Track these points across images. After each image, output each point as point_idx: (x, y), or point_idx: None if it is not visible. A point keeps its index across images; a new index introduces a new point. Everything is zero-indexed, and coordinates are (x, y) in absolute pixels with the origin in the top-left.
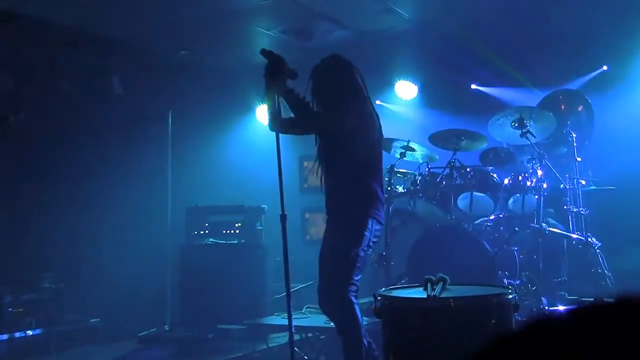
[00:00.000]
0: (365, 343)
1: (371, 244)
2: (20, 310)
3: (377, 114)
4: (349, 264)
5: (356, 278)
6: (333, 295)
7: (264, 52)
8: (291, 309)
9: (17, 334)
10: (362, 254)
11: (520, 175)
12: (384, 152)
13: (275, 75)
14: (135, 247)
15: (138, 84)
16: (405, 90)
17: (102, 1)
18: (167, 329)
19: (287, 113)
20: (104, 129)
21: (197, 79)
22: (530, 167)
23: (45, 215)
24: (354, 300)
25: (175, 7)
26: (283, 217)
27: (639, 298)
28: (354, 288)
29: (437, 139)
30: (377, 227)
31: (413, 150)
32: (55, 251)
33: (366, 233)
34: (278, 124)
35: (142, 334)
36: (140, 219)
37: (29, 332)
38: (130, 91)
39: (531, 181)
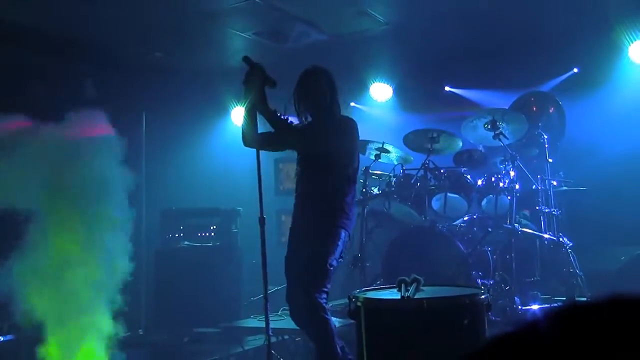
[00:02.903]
0: (339, 348)
1: (342, 253)
2: None
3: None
4: (324, 274)
5: (328, 286)
6: (307, 304)
7: (245, 59)
8: (268, 313)
9: None
10: (335, 263)
11: (493, 176)
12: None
13: (254, 82)
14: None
15: (111, 87)
16: (380, 92)
17: (74, 3)
18: (142, 332)
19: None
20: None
21: (171, 82)
22: (503, 169)
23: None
24: (326, 306)
25: (148, 9)
26: (262, 221)
27: (629, 297)
28: (324, 296)
29: (411, 141)
30: (347, 238)
31: (388, 152)
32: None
33: (339, 243)
34: (252, 139)
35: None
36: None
37: (0, 338)
38: (103, 94)
39: (504, 182)
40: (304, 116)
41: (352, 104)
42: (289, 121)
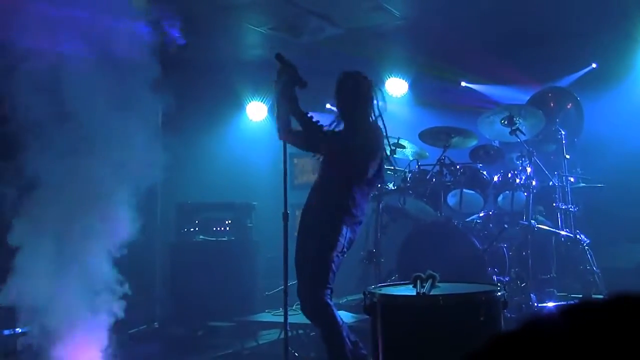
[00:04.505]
0: (350, 342)
1: (345, 250)
2: (9, 307)
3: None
4: (326, 269)
5: (331, 283)
6: (312, 303)
7: (278, 57)
8: (287, 308)
9: (6, 332)
10: (336, 259)
11: (510, 172)
12: None
13: (284, 81)
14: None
15: None
16: (396, 87)
17: None
18: (157, 326)
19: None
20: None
21: (187, 75)
22: (520, 165)
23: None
24: (330, 302)
25: (164, 2)
26: (285, 216)
27: (633, 296)
28: (328, 291)
29: (427, 136)
30: (350, 235)
31: (403, 147)
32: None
33: (340, 238)
34: (286, 134)
35: (131, 331)
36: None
37: (18, 330)
38: None
39: (520, 178)
40: (337, 119)
41: None
42: (318, 123)
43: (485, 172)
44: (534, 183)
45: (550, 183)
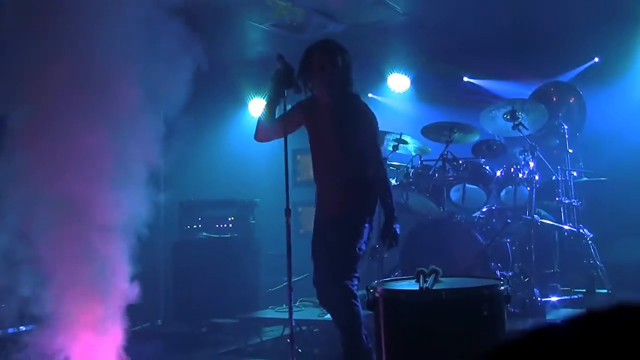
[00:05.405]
0: (365, 337)
1: (370, 235)
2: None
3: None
4: (355, 259)
5: (358, 272)
6: (339, 291)
7: (279, 58)
8: (292, 304)
9: (10, 330)
10: (364, 247)
11: (513, 167)
12: None
13: (280, 82)
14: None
15: None
16: (398, 82)
17: None
18: (160, 323)
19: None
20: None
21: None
22: (522, 159)
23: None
24: (357, 293)
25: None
26: (287, 212)
27: (637, 307)
28: (356, 282)
29: (429, 132)
30: (371, 222)
31: (405, 142)
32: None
33: (366, 225)
34: (267, 132)
35: (134, 328)
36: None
37: (22, 328)
38: None
39: (523, 173)
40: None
41: (370, 94)
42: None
43: (488, 167)
44: (536, 177)
45: (553, 177)
